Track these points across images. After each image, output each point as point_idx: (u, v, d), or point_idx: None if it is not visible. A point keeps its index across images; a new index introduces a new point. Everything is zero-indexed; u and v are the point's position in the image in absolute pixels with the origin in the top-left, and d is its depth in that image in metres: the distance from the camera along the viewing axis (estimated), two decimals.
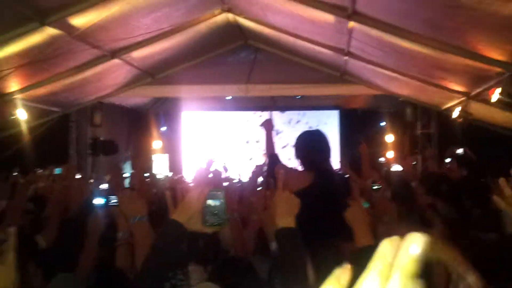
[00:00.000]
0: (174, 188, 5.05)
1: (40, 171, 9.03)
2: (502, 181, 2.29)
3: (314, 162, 4.46)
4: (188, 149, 17.05)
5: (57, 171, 8.89)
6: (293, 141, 4.76)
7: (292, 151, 4.71)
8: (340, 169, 7.87)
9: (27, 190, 6.12)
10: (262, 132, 5.33)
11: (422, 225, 3.98)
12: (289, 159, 4.79)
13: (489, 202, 3.53)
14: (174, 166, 16.25)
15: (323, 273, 0.80)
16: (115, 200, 3.26)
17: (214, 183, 6.86)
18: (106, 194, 4.72)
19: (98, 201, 4.76)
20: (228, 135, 16.61)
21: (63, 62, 8.64)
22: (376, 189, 5.18)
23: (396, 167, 7.92)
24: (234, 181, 9.61)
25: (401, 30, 6.80)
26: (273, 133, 5.11)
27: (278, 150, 5.17)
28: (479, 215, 4.91)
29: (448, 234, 3.96)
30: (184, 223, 2.19)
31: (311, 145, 4.59)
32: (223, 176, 8.15)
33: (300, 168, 4.62)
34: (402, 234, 0.72)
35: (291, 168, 4.51)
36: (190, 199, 2.24)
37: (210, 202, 2.20)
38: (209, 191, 2.23)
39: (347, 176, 5.91)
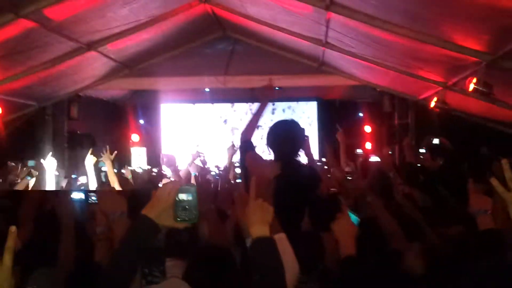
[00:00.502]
0: (155, 182, 5.04)
1: (13, 164, 8.91)
2: (505, 162, 2.24)
3: (282, 152, 4.44)
4: (167, 142, 16.97)
5: (30, 163, 8.79)
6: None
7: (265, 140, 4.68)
8: (318, 160, 7.91)
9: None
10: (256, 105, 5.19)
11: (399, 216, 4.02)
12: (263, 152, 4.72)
13: (465, 191, 3.56)
14: (152, 159, 16.19)
15: None
16: (94, 197, 3.23)
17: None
18: (84, 189, 4.69)
19: (77, 195, 4.71)
20: (206, 126, 16.57)
21: (39, 55, 8.54)
22: (350, 179, 5.22)
23: (374, 158, 7.94)
24: (212, 173, 9.60)
25: (378, 20, 6.80)
26: (266, 109, 5.00)
27: (256, 140, 5.10)
28: (454, 204, 4.96)
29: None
30: (154, 218, 2.15)
31: (282, 135, 4.55)
32: (201, 169, 8.12)
33: (270, 157, 4.60)
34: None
35: (260, 157, 4.46)
36: (160, 194, 2.20)
37: (181, 197, 2.17)
38: (180, 185, 2.21)
39: (315, 168, 5.88)
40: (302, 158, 4.86)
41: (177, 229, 2.41)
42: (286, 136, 4.53)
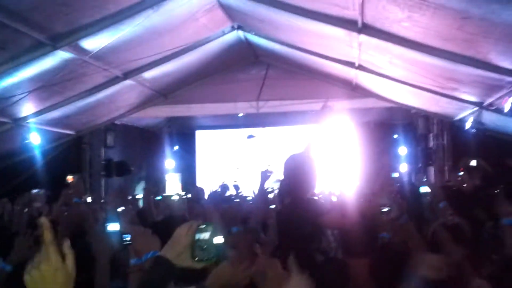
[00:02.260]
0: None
1: (36, 191, 8.94)
2: None
3: (287, 189, 4.42)
4: (202, 168, 17.07)
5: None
6: None
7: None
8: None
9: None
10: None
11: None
12: None
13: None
14: (187, 185, 16.31)
15: None
16: (128, 237, 3.24)
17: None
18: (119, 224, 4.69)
19: (113, 226, 4.73)
20: (241, 152, 16.58)
21: (76, 85, 8.72)
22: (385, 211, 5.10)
23: (424, 188, 7.61)
24: (248, 198, 9.54)
25: (411, 42, 6.79)
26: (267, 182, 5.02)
27: None
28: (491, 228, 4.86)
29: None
30: (172, 259, 2.14)
31: (287, 172, 4.51)
32: (233, 193, 8.08)
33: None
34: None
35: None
36: (179, 234, 2.18)
37: (199, 236, 2.15)
38: (197, 225, 2.20)
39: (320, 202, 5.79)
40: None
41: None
42: (291, 172, 4.47)
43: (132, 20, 7.02)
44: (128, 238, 3.25)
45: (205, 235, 2.16)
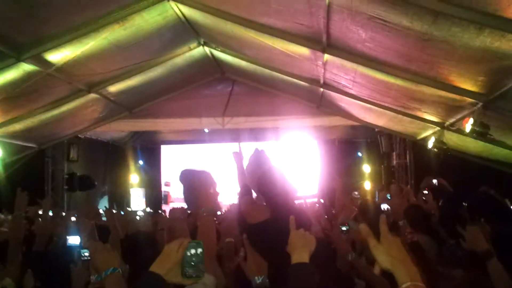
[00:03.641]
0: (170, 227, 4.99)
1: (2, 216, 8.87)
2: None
3: (269, 196, 4.40)
4: (166, 183, 16.98)
5: None
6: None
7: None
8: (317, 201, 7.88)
9: None
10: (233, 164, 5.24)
11: None
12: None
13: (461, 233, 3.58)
14: (151, 200, 16.21)
15: None
16: (87, 253, 3.19)
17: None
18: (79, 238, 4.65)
19: (73, 240, 4.67)
20: (206, 167, 16.52)
21: (39, 98, 8.62)
22: (344, 231, 5.14)
23: (383, 205, 7.77)
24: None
25: (374, 62, 6.90)
26: (243, 164, 5.02)
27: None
28: (453, 246, 4.92)
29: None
30: (163, 275, 2.15)
31: (267, 180, 4.49)
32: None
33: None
34: None
35: (254, 202, 4.42)
36: (169, 250, 2.20)
37: (189, 252, 2.18)
38: (188, 242, 2.22)
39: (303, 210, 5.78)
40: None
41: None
42: (271, 180, 4.47)
43: (97, 34, 6.99)
44: (87, 254, 3.21)
45: (195, 251, 2.19)
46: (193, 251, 2.19)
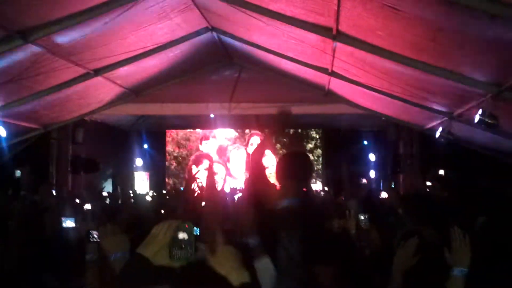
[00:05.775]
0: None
1: None
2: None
3: (292, 185, 4.33)
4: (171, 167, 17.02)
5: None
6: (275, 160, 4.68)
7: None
8: (322, 189, 7.87)
9: None
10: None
11: None
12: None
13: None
14: (155, 184, 16.24)
15: None
16: (96, 236, 3.17)
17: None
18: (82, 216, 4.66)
19: (69, 223, 4.67)
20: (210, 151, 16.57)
21: (46, 80, 8.58)
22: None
23: (383, 194, 7.78)
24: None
25: (384, 51, 6.84)
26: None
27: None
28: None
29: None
30: (150, 257, 2.12)
31: (290, 168, 4.43)
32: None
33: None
34: None
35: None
36: (157, 232, 2.16)
37: (178, 235, 2.14)
38: (176, 224, 2.18)
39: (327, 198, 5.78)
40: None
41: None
42: (294, 169, 4.41)
43: (105, 16, 6.95)
44: (96, 236, 3.20)
45: (184, 234, 2.15)
46: (182, 232, 2.15)
